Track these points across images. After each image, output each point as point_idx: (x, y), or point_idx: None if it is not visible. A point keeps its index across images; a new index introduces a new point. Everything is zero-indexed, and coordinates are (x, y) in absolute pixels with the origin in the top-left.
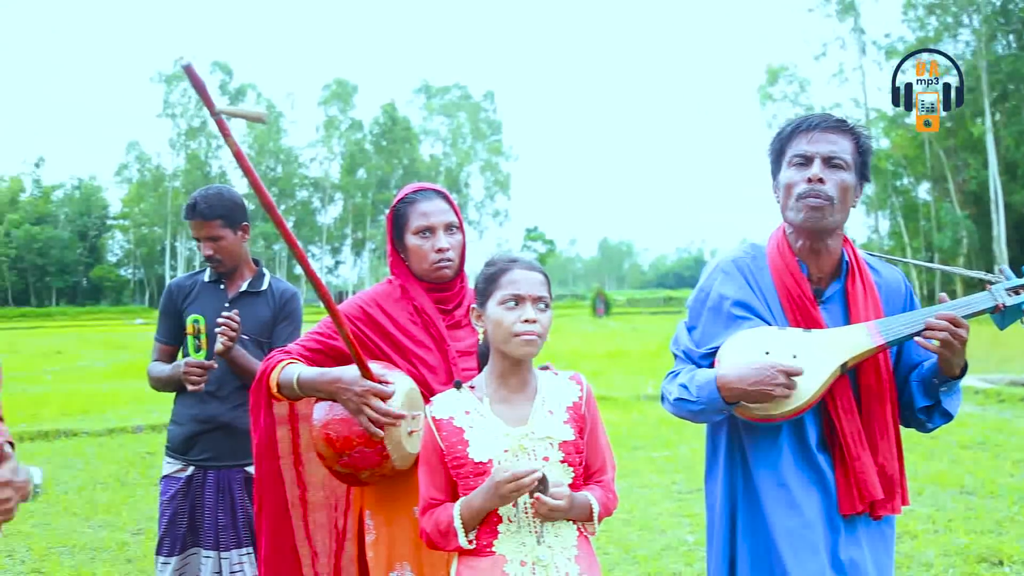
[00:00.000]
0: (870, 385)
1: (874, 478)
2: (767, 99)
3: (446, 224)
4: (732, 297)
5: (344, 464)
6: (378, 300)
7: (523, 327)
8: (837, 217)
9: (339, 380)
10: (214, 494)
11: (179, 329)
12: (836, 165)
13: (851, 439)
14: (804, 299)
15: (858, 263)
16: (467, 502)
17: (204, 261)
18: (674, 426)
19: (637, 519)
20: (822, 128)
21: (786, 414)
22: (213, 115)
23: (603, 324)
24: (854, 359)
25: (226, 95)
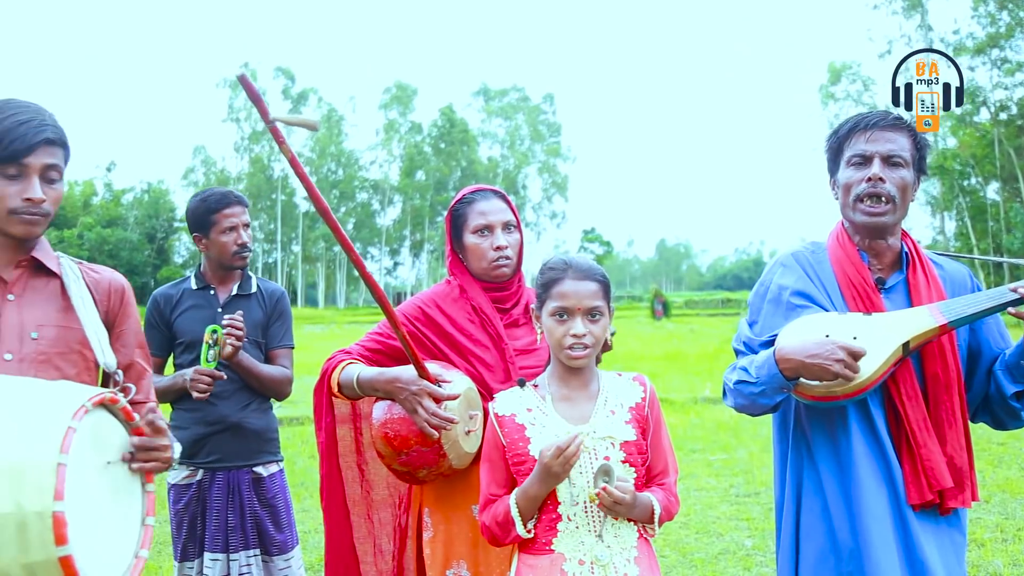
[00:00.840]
0: (936, 374)
1: (942, 466)
2: (829, 98)
3: (504, 223)
4: (791, 287)
5: (402, 463)
6: (436, 300)
7: (570, 340)
8: (897, 215)
9: (397, 379)
10: (223, 495)
11: (168, 341)
12: (895, 163)
13: (916, 426)
14: (866, 286)
15: (919, 255)
16: (522, 490)
17: (236, 252)
18: (732, 430)
19: (694, 522)
20: (880, 127)
21: (848, 392)
22: (267, 123)
23: (660, 326)
24: (916, 339)
25: (288, 99)
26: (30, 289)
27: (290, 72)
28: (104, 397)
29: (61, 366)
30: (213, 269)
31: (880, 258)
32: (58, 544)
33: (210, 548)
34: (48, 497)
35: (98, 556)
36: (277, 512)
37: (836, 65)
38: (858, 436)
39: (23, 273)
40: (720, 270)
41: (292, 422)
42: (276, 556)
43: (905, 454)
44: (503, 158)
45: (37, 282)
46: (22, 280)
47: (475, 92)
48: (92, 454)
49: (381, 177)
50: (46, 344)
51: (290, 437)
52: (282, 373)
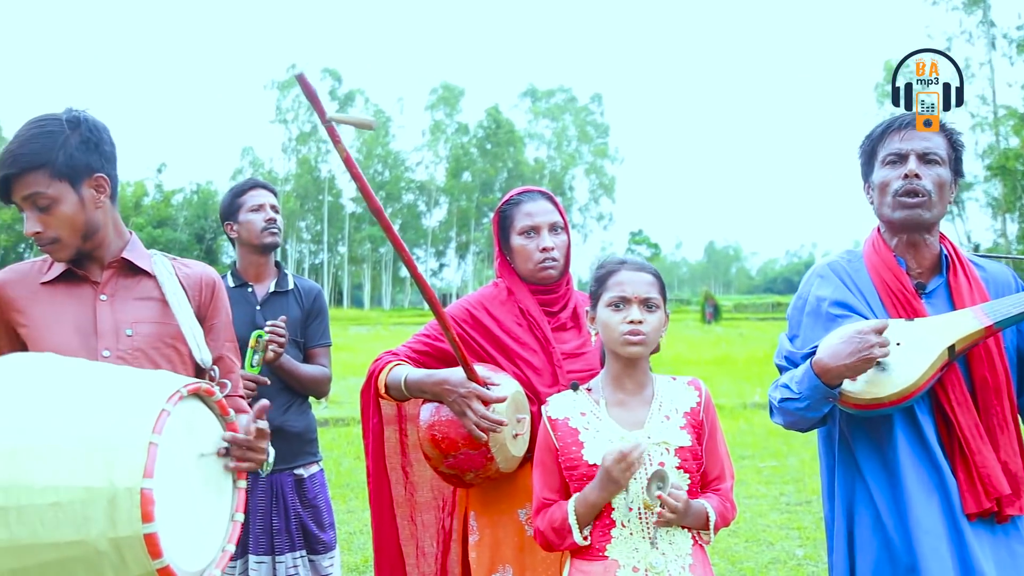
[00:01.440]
0: (985, 378)
1: (999, 472)
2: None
3: (551, 224)
4: (830, 298)
5: (449, 465)
6: (484, 302)
7: (628, 327)
8: (935, 212)
9: (445, 382)
10: (266, 498)
11: None
12: (932, 161)
13: (968, 432)
14: (905, 292)
15: (959, 257)
16: (581, 497)
17: (265, 228)
18: (782, 436)
19: (744, 530)
20: (914, 126)
21: (894, 398)
22: (324, 122)
23: (709, 330)
24: (961, 341)
25: (335, 100)
26: (122, 288)
27: (337, 73)
28: (200, 387)
29: (157, 361)
30: (247, 260)
31: (919, 260)
32: (145, 521)
33: (255, 551)
34: (138, 474)
35: (184, 541)
36: (319, 512)
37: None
38: (905, 446)
39: (114, 274)
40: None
41: (337, 423)
42: (321, 555)
43: (959, 462)
44: (550, 159)
45: (128, 281)
46: (113, 280)
47: (522, 93)
48: (186, 441)
49: (427, 178)
50: (141, 340)
51: (335, 438)
52: (321, 372)
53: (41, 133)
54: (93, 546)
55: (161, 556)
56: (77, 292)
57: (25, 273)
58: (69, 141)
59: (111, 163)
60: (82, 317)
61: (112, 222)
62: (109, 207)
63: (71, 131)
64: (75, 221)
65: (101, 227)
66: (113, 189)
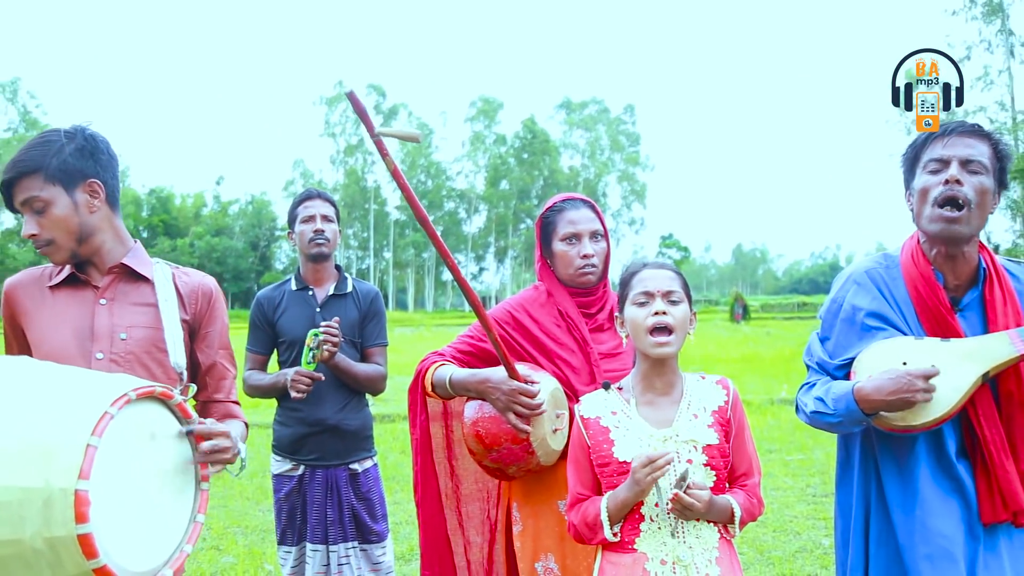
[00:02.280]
0: (1011, 392)
1: (1018, 486)
2: None
3: (592, 232)
4: (866, 308)
5: (493, 460)
6: (525, 305)
7: (653, 319)
8: (973, 225)
9: (488, 380)
10: (322, 491)
11: (271, 339)
12: (974, 169)
13: (994, 446)
14: (940, 308)
15: (996, 269)
16: (613, 495)
17: (312, 239)
18: (808, 431)
19: (771, 521)
20: (959, 133)
21: (927, 424)
22: (372, 136)
23: (737, 329)
24: (996, 368)
25: (380, 114)
26: (120, 293)
27: (382, 89)
28: (152, 390)
29: (148, 364)
30: (305, 265)
31: (956, 271)
32: (79, 522)
33: (311, 539)
34: (74, 475)
35: (131, 542)
36: (372, 504)
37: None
38: (923, 454)
39: (114, 279)
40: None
41: (384, 419)
42: (375, 544)
43: (980, 472)
44: (583, 167)
45: (128, 287)
46: (113, 285)
47: (558, 105)
48: (137, 444)
49: (467, 187)
50: (134, 344)
51: (382, 433)
52: (377, 371)
53: (41, 143)
54: (29, 545)
55: (97, 556)
56: (79, 296)
57: (35, 277)
58: (64, 149)
59: (108, 171)
60: (81, 320)
61: (112, 228)
62: (108, 213)
63: (68, 140)
64: (69, 224)
65: (96, 231)
66: (109, 195)
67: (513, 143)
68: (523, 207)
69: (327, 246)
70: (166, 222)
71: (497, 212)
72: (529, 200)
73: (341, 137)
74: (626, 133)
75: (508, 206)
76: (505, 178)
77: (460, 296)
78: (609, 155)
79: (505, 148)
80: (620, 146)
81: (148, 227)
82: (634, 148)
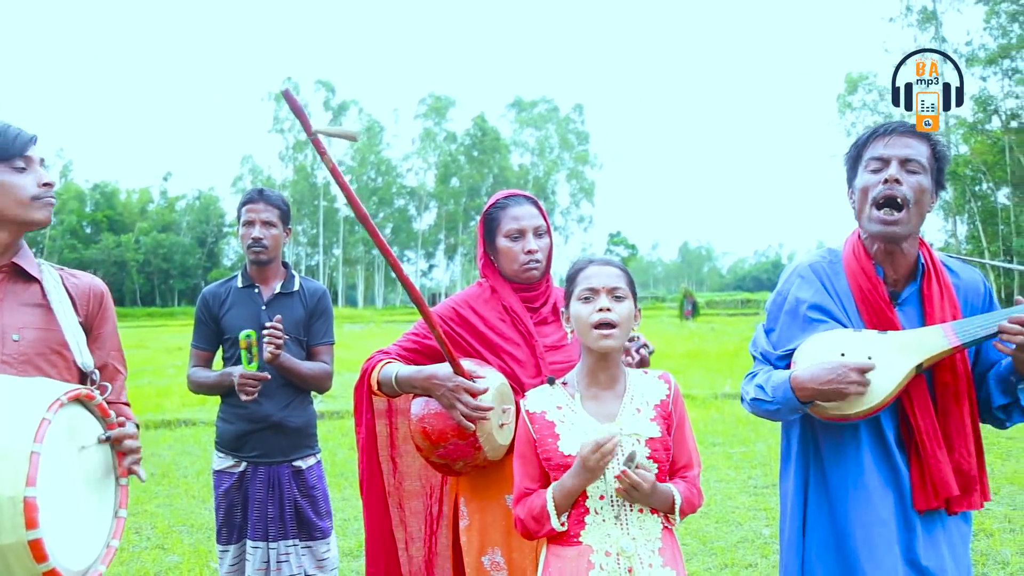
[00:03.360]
0: (946, 383)
1: (949, 475)
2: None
3: (535, 228)
4: (808, 301)
5: (440, 455)
6: (469, 301)
7: (598, 315)
8: (912, 224)
9: (433, 376)
10: (264, 488)
11: (216, 336)
12: (913, 169)
13: (927, 436)
14: (880, 301)
15: (935, 265)
16: (559, 484)
17: (250, 246)
18: (751, 423)
19: (714, 512)
20: (899, 132)
21: (860, 413)
22: (309, 135)
23: (683, 325)
24: (929, 360)
25: (329, 111)
26: (10, 294)
27: (330, 85)
28: (80, 393)
29: (42, 366)
30: (250, 265)
31: (895, 266)
32: (28, 528)
33: (251, 536)
34: (21, 483)
35: (70, 543)
36: (316, 501)
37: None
38: (865, 442)
39: (4, 279)
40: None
41: (332, 416)
42: (319, 541)
43: (914, 462)
44: (533, 165)
45: (17, 287)
46: (2, 286)
47: (509, 104)
48: (67, 446)
49: (417, 184)
50: (26, 345)
51: (331, 430)
52: (322, 369)
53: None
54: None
55: (47, 560)
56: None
57: None
58: None
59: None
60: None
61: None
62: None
63: None
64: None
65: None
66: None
67: (463, 141)
68: (473, 204)
69: (265, 253)
70: (110, 218)
71: (447, 209)
72: (479, 197)
73: (290, 133)
74: (575, 132)
75: (458, 203)
76: (455, 175)
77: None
78: (558, 153)
79: (455, 146)
80: (569, 144)
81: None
82: (583, 147)
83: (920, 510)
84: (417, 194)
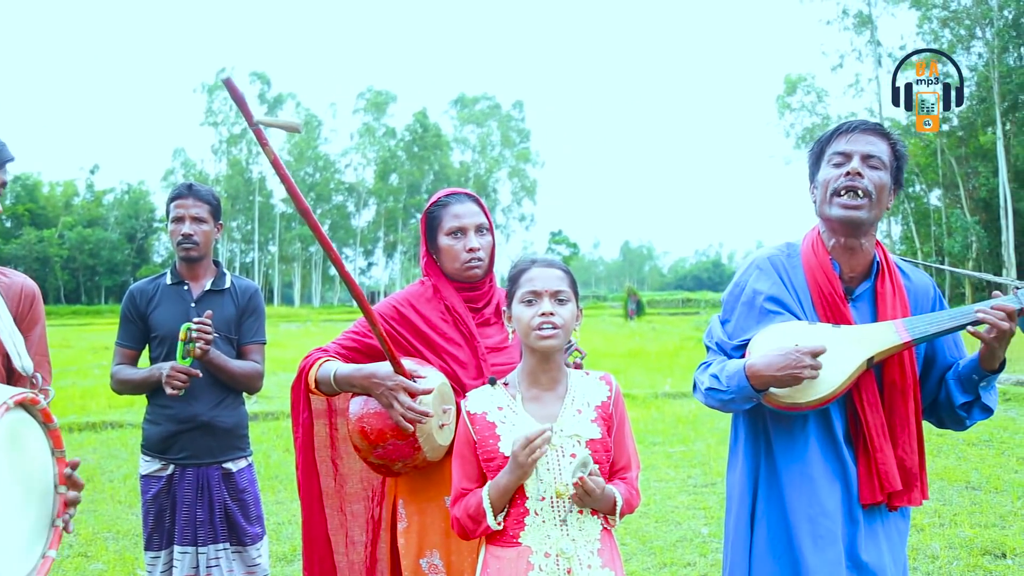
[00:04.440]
0: (894, 381)
1: (894, 470)
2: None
3: (477, 225)
4: (765, 292)
5: (378, 456)
6: (411, 300)
7: (539, 319)
8: (872, 213)
9: (373, 375)
10: (192, 491)
11: (143, 334)
12: (874, 164)
13: (875, 431)
14: (835, 296)
15: (889, 265)
16: (494, 482)
17: (180, 243)
18: (690, 423)
19: (654, 512)
20: (861, 130)
21: (812, 403)
22: (251, 125)
23: (624, 325)
24: (880, 354)
25: (264, 104)
26: None
27: (266, 77)
28: (25, 397)
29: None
30: (180, 262)
31: (852, 263)
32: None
33: (179, 541)
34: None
35: (7, 551)
36: (247, 505)
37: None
38: (814, 435)
39: None
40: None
41: (267, 417)
42: (249, 546)
43: (861, 456)
44: (474, 163)
45: None
46: None
47: (453, 101)
48: (10, 451)
49: (356, 180)
50: None
51: (265, 431)
52: (253, 368)
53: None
54: None
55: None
56: None
57: None
58: None
59: None
60: None
61: None
62: None
63: None
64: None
65: None
66: None
67: (404, 137)
68: (413, 202)
69: (195, 250)
70: (32, 211)
71: (387, 206)
72: (419, 195)
73: (223, 126)
74: (516, 129)
75: (398, 200)
76: (395, 172)
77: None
78: (500, 151)
79: (395, 141)
80: (511, 142)
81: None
82: (524, 144)
83: (865, 504)
84: (356, 190)
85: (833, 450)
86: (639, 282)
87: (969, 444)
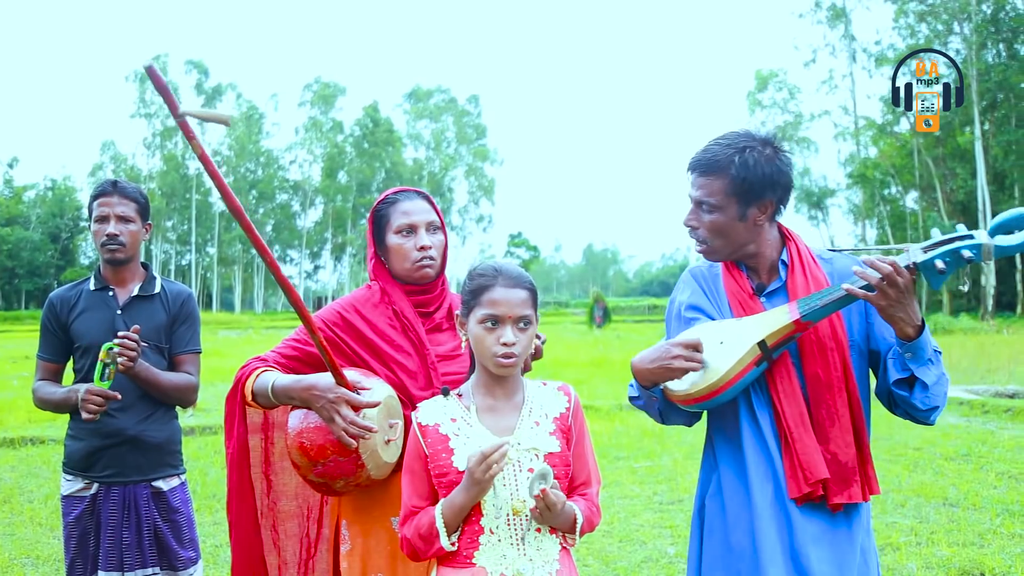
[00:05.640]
0: (816, 374)
1: (816, 457)
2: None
3: (428, 223)
4: (686, 302)
5: (318, 473)
6: (356, 305)
7: (501, 349)
8: (726, 249)
9: (313, 387)
10: (119, 511)
11: (65, 345)
12: (706, 209)
13: (792, 421)
14: (743, 293)
15: (800, 259)
16: (448, 500)
17: (104, 244)
18: (656, 437)
19: (618, 530)
20: (695, 172)
21: (704, 393)
22: (176, 118)
23: (587, 332)
24: (772, 336)
25: (202, 95)
26: None
27: (203, 66)
28: None
29: None
30: (105, 265)
31: (758, 268)
32: None
33: (104, 567)
34: None
35: None
36: (179, 527)
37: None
38: (748, 435)
39: None
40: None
41: (205, 431)
42: (181, 571)
43: (785, 449)
44: (428, 160)
45: None
46: None
47: (406, 94)
48: None
49: (302, 178)
50: None
51: (202, 447)
52: (186, 380)
53: None
54: None
55: None
56: None
57: None
58: None
59: None
60: None
61: None
62: None
63: None
64: None
65: None
66: None
67: (353, 132)
68: (363, 201)
69: (121, 252)
70: None
71: (334, 206)
72: (370, 194)
73: (157, 118)
74: (473, 125)
75: (347, 199)
76: (343, 169)
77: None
78: (456, 148)
79: (344, 137)
80: (467, 138)
81: None
82: (481, 141)
83: (794, 497)
84: (301, 188)
85: (763, 448)
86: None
87: (947, 459)
